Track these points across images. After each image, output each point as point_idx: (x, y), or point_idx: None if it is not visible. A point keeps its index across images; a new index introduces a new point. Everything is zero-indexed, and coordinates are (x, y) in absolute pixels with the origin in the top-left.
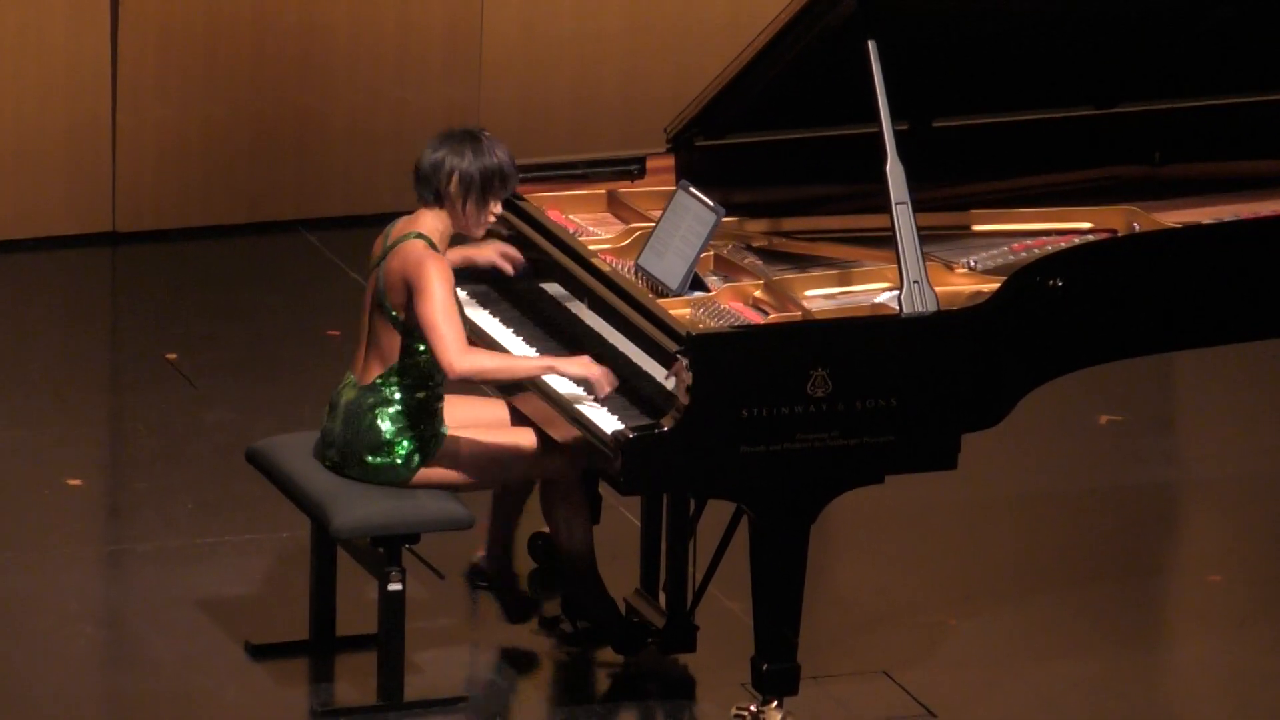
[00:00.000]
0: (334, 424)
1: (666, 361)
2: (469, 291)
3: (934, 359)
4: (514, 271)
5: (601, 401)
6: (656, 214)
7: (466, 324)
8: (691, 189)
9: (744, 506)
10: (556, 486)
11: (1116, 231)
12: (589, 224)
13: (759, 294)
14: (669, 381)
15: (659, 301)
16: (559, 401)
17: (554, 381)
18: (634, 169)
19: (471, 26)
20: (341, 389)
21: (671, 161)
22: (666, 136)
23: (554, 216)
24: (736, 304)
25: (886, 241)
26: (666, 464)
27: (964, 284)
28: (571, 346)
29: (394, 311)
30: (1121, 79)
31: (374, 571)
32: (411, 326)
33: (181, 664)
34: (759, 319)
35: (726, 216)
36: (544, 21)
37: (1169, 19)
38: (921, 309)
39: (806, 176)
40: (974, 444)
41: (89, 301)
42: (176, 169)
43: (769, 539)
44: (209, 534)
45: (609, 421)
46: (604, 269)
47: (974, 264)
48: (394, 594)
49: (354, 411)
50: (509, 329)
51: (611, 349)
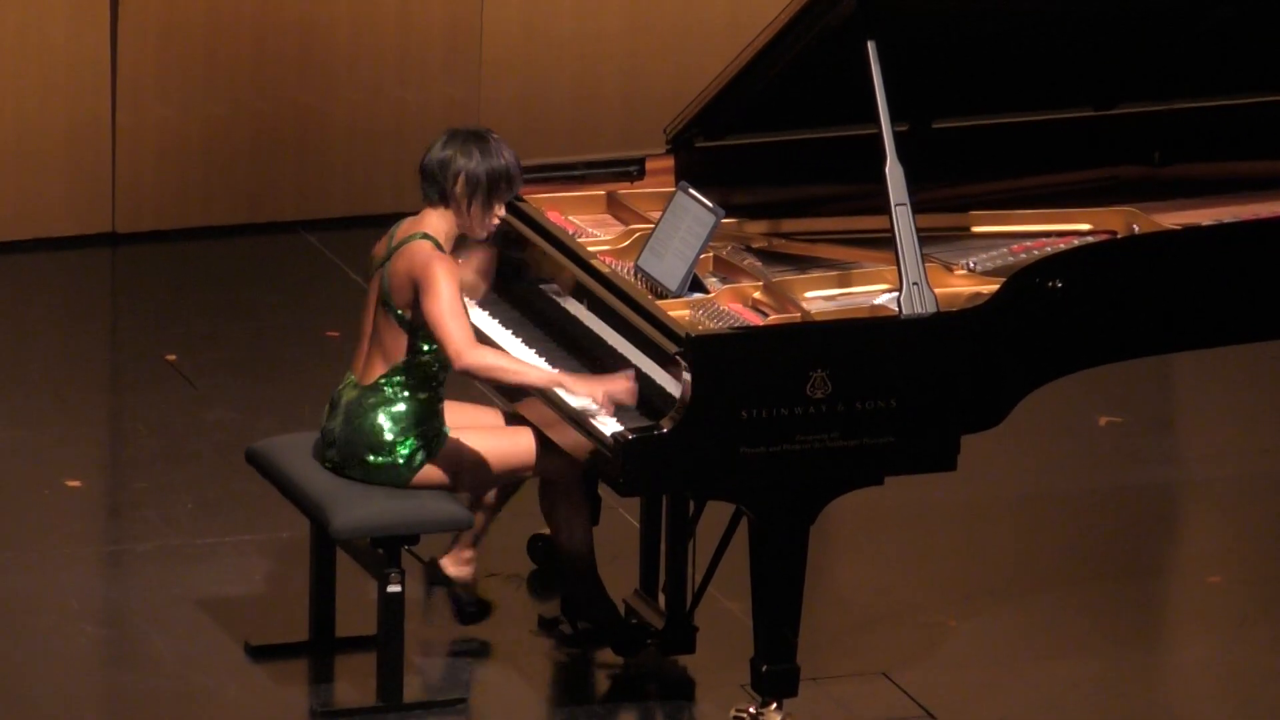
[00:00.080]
0: (334, 424)
1: (666, 363)
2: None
3: (933, 360)
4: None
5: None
6: (656, 215)
7: None
8: (691, 190)
9: (744, 507)
10: (556, 486)
11: (1116, 233)
12: (588, 225)
13: (758, 295)
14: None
15: (658, 303)
16: (559, 404)
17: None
18: (633, 170)
19: (472, 26)
20: (342, 389)
21: (671, 163)
22: (666, 137)
23: (553, 217)
24: (736, 305)
25: (886, 243)
26: (666, 465)
27: (963, 285)
28: (571, 348)
29: (400, 310)
30: (1121, 79)
31: (374, 572)
32: (418, 326)
33: (181, 664)
34: (758, 320)
35: (726, 218)
36: (544, 21)
37: (1169, 19)
38: (921, 310)
39: (806, 177)
40: (974, 445)
41: (89, 301)
42: (176, 169)
43: (769, 540)
44: (209, 534)
45: (608, 423)
46: (603, 270)
47: (973, 265)
48: (393, 595)
49: (355, 411)
50: (508, 330)
51: (611, 350)
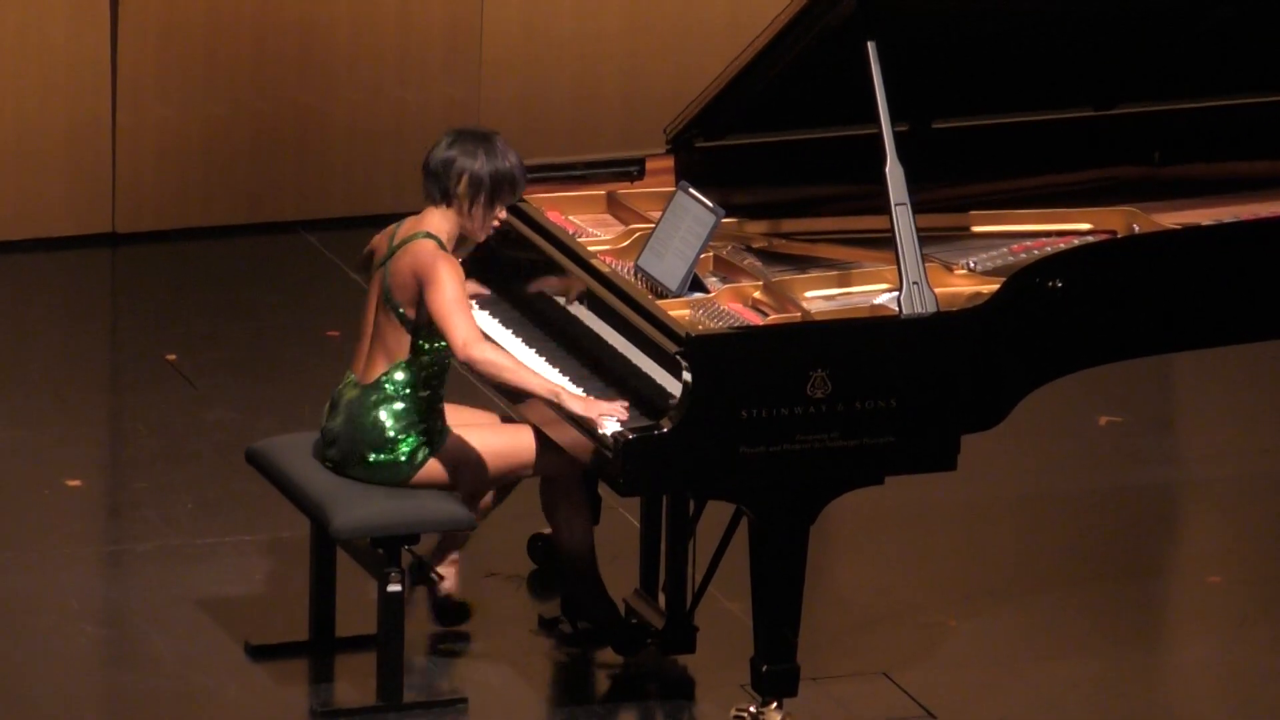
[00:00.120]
0: (335, 423)
1: (666, 363)
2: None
3: (933, 360)
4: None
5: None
6: (656, 215)
7: None
8: (691, 190)
9: (744, 507)
10: (557, 485)
11: (1116, 233)
12: (588, 225)
13: (758, 295)
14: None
15: (658, 303)
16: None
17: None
18: (633, 170)
19: (472, 26)
20: (343, 388)
21: (671, 162)
22: (666, 137)
23: (553, 217)
24: (736, 305)
25: (886, 243)
26: (666, 465)
27: (963, 285)
28: (571, 348)
29: (402, 308)
30: (1121, 79)
31: (374, 572)
32: (420, 324)
33: (181, 664)
34: (758, 320)
35: (726, 218)
36: (544, 21)
37: (1169, 19)
38: (921, 310)
39: (806, 178)
40: (974, 445)
41: (89, 301)
42: (176, 169)
43: (769, 540)
44: (209, 534)
45: (609, 423)
46: (603, 270)
47: (973, 265)
48: (393, 595)
49: (357, 409)
50: (508, 330)
51: (611, 350)
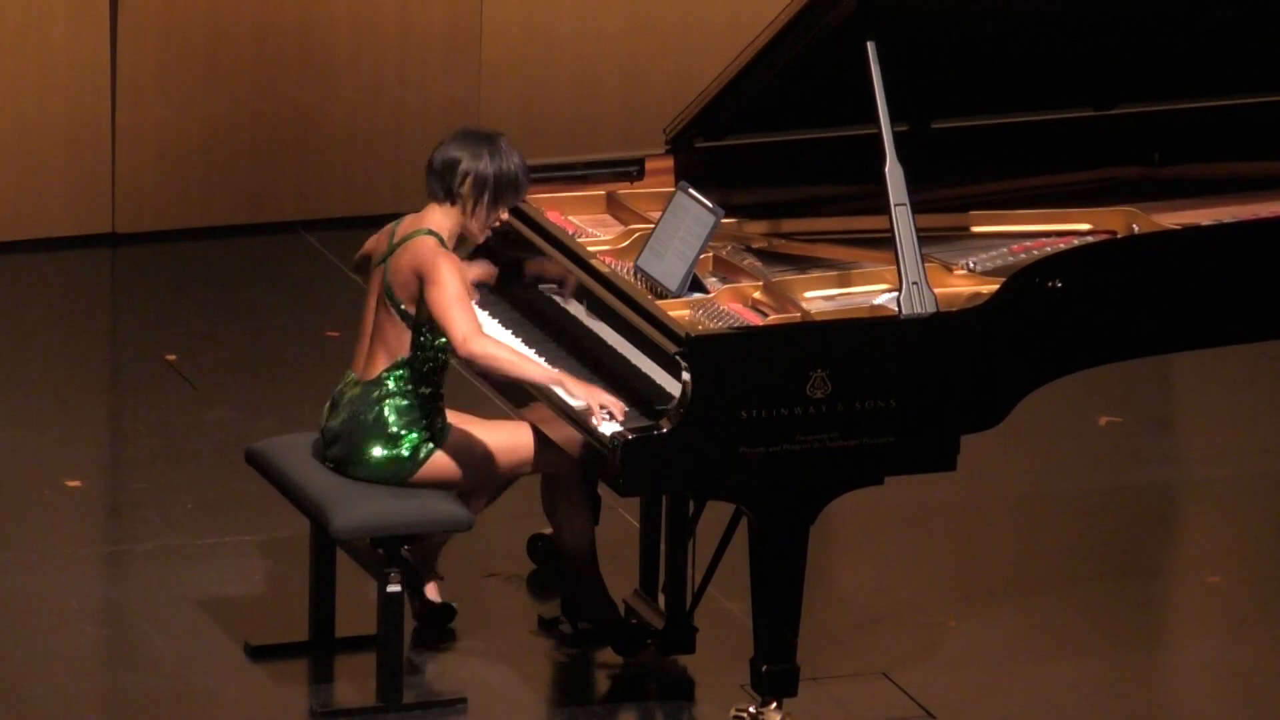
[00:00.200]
0: (335, 421)
1: (666, 363)
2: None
3: (933, 360)
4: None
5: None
6: (655, 215)
7: None
8: (690, 190)
9: (744, 507)
10: (558, 484)
11: (1116, 233)
12: (588, 225)
13: (758, 295)
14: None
15: (658, 303)
16: (561, 405)
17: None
18: (633, 170)
19: (471, 26)
20: (343, 387)
21: (670, 163)
22: (666, 137)
23: (553, 218)
24: (736, 305)
25: (886, 243)
26: (666, 465)
27: (963, 285)
28: (571, 348)
29: (403, 305)
30: (1121, 79)
31: (373, 572)
32: (421, 321)
33: (181, 664)
34: (758, 320)
35: (725, 218)
36: (544, 21)
37: (1169, 19)
38: (920, 310)
39: (806, 178)
40: (974, 445)
41: (89, 301)
42: (176, 169)
43: (769, 540)
44: (209, 534)
45: (608, 423)
46: (603, 270)
47: (973, 265)
48: (393, 595)
49: (360, 406)
50: (508, 330)
51: (611, 350)
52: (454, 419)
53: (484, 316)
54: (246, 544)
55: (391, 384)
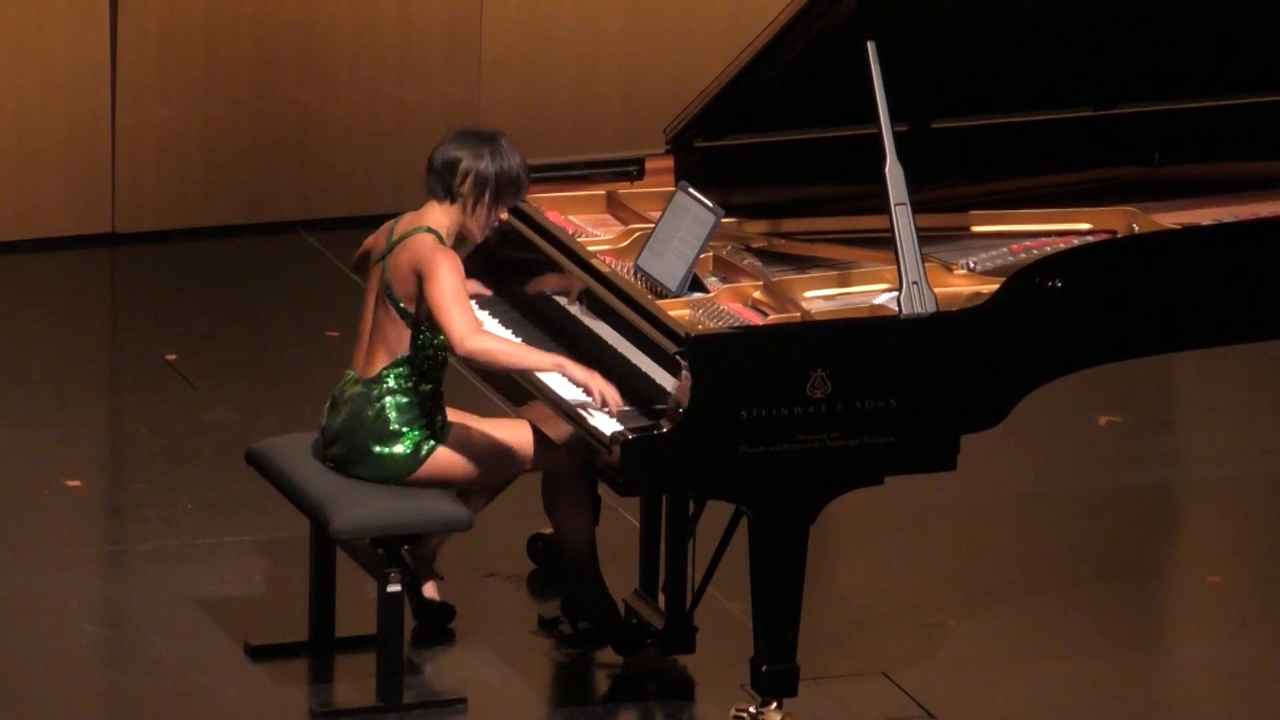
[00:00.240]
0: (336, 420)
1: (666, 363)
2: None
3: (933, 360)
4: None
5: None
6: (655, 215)
7: None
8: (690, 190)
9: (743, 507)
10: (558, 483)
11: (1116, 233)
12: (588, 225)
13: (758, 295)
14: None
15: (658, 303)
16: (560, 403)
17: (558, 386)
18: (633, 170)
19: (471, 26)
20: (343, 386)
21: (671, 162)
22: (666, 137)
23: (553, 217)
24: (736, 305)
25: (886, 242)
26: (666, 465)
27: (963, 285)
28: (571, 348)
29: (402, 303)
30: (1121, 79)
31: (373, 572)
32: (421, 319)
33: (181, 664)
34: (758, 320)
35: (726, 217)
36: (544, 21)
37: (1169, 19)
38: (920, 310)
39: (806, 177)
40: (974, 444)
41: (89, 301)
42: (176, 169)
43: (769, 540)
44: (209, 534)
45: (608, 422)
46: (603, 270)
47: (973, 265)
48: (393, 595)
49: (360, 404)
50: (508, 330)
51: (611, 350)
52: (454, 417)
53: (484, 317)
54: (246, 544)
55: (392, 382)
